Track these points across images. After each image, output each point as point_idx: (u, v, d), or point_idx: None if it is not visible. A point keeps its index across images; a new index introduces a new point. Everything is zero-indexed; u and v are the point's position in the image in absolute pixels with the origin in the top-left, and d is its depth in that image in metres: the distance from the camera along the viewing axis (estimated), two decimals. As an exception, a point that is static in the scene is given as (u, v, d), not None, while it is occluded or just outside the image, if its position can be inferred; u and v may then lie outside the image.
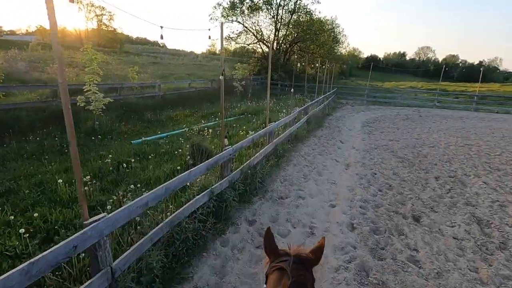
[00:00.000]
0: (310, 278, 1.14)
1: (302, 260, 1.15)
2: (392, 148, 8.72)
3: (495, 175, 6.59)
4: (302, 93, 22.64)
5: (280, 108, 13.75)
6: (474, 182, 6.11)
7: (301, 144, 8.30)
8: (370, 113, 16.12)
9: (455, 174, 6.56)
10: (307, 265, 1.16)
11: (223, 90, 4.97)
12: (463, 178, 6.35)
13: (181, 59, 47.27)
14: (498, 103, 19.90)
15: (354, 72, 66.10)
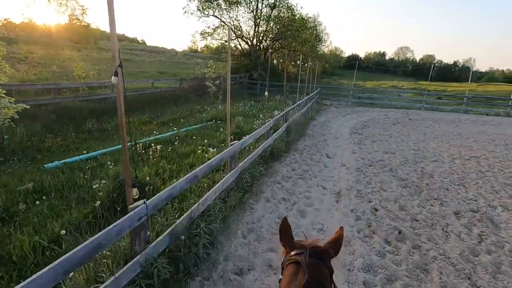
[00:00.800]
0: (327, 272, 1.07)
1: (319, 253, 1.09)
2: (389, 164, 7.12)
3: (526, 205, 5.10)
4: (283, 94, 21.01)
5: (256, 112, 11.95)
6: (508, 220, 4.55)
7: (278, 163, 6.52)
8: (357, 117, 14.64)
9: (478, 206, 4.99)
10: (324, 258, 1.09)
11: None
12: (490, 213, 4.78)
13: (158, 56, 44.91)
14: (486, 104, 19.10)
15: (336, 71, 65.73)
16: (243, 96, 18.94)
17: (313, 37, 33.14)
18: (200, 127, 9.19)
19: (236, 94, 19.55)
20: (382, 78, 65.23)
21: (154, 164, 5.43)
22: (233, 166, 4.60)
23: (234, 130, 7.98)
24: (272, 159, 6.49)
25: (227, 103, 4.64)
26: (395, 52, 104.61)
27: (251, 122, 9.43)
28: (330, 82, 42.37)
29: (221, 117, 10.64)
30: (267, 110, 12.81)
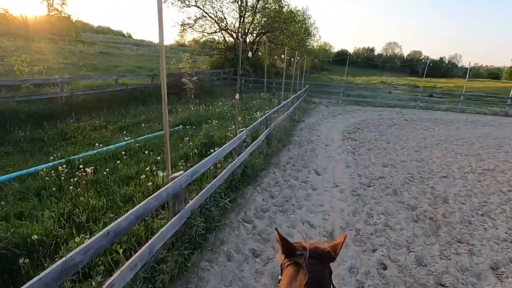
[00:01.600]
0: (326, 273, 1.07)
1: (319, 255, 1.09)
2: (392, 183, 5.76)
3: None
4: (270, 91, 19.51)
5: (235, 114, 10.43)
6: None
7: (253, 187, 5.03)
8: (348, 117, 13.30)
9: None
10: (324, 260, 1.09)
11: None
12: (540, 266, 3.46)
13: (142, 49, 42.69)
14: (483, 103, 18.14)
15: (325, 66, 64.77)
16: (226, 94, 17.33)
17: (302, 31, 31.69)
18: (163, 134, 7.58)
19: (221, 90, 17.96)
20: (371, 73, 64.66)
21: (74, 197, 3.85)
22: (176, 210, 3.09)
23: (202, 140, 6.44)
24: (244, 183, 5.00)
25: (163, 111, 3.08)
26: (384, 47, 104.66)
27: (227, 127, 7.90)
28: (319, 77, 41.16)
29: (193, 120, 9.06)
30: (248, 111, 11.30)
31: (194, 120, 9.07)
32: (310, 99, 18.06)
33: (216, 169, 4.80)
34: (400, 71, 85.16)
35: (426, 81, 46.28)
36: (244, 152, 5.29)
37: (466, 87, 41.00)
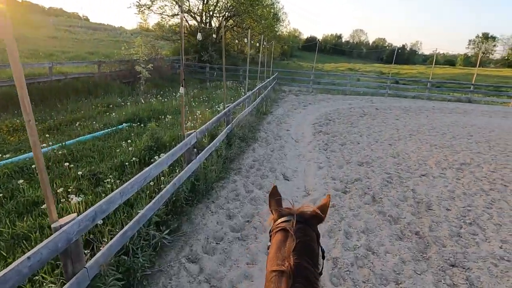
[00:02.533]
0: (314, 236, 1.08)
1: (307, 219, 1.09)
2: (370, 186, 5.05)
3: None
4: (237, 79, 18.30)
5: (197, 106, 9.26)
6: None
7: (205, 205, 3.99)
8: (319, 107, 12.61)
9: (523, 279, 3.08)
10: (311, 223, 1.10)
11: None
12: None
13: (98, 34, 38.94)
14: (448, 90, 18.42)
15: (295, 53, 64.30)
16: (188, 83, 15.86)
17: (271, 16, 30.45)
18: (104, 134, 6.25)
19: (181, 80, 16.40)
20: (339, 60, 65.42)
21: None
22: (70, 271, 2.00)
23: (147, 143, 5.26)
24: (194, 201, 3.96)
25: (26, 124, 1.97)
26: (351, 34, 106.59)
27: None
28: (289, 64, 40.50)
29: (143, 116, 7.75)
30: (210, 102, 10.13)
31: (145, 116, 7.76)
32: (280, 88, 17.17)
33: (159, 184, 3.72)
34: (366, 57, 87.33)
35: (391, 67, 47.58)
36: (195, 160, 4.24)
37: (427, 73, 42.45)
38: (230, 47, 28.83)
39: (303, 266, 0.94)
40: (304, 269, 0.94)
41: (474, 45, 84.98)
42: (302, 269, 0.93)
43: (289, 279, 0.89)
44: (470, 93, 16.75)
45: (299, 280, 0.90)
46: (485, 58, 74.79)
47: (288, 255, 0.95)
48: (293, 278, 0.89)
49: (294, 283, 0.89)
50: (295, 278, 0.90)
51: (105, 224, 2.91)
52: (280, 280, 0.91)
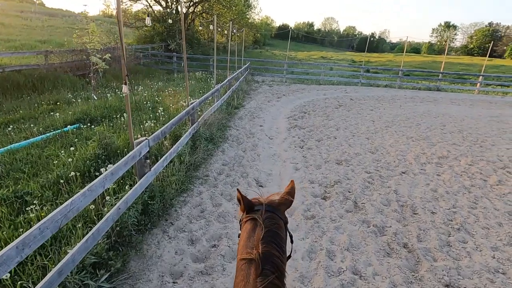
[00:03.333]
0: (282, 224, 1.13)
1: (275, 207, 1.15)
2: (351, 189, 4.62)
3: None
4: (207, 69, 17.26)
5: (162, 100, 8.33)
6: None
7: (161, 230, 3.28)
8: (294, 98, 12.11)
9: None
10: (279, 211, 1.16)
11: None
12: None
13: (54, 20, 35.42)
14: (415, 78, 18.69)
15: (268, 41, 63.38)
16: (154, 74, 14.66)
17: (242, 2, 29.23)
18: (45, 138, 5.25)
19: (146, 70, 15.16)
20: (312, 48, 65.57)
21: None
22: None
23: (95, 150, 4.41)
24: (146, 225, 3.25)
25: None
26: (322, 22, 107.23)
27: (144, 123, 5.86)
28: (263, 52, 39.65)
29: (95, 115, 6.75)
30: (177, 97, 9.23)
31: (98, 115, 6.77)
32: (252, 78, 16.45)
33: (105, 205, 2.97)
34: (338, 46, 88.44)
35: (362, 55, 48.30)
36: (150, 173, 3.51)
37: (396, 61, 43.43)
38: (200, 35, 27.40)
39: (271, 253, 0.97)
40: (271, 256, 0.97)
41: (437, 34, 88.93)
42: (270, 256, 0.96)
43: (258, 266, 0.92)
44: (439, 81, 17.10)
45: (267, 267, 0.93)
46: (446, 46, 78.47)
47: (257, 244, 0.99)
48: (261, 265, 0.93)
49: (263, 270, 0.92)
50: (263, 265, 0.93)
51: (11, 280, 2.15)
52: (249, 268, 0.95)
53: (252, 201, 1.18)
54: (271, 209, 1.12)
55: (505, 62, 43.67)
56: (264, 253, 0.95)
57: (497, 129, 9.01)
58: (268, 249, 0.96)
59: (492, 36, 69.42)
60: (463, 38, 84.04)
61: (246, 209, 1.16)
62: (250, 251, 0.98)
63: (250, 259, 0.95)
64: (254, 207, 1.14)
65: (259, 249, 0.96)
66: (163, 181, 3.96)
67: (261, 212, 1.08)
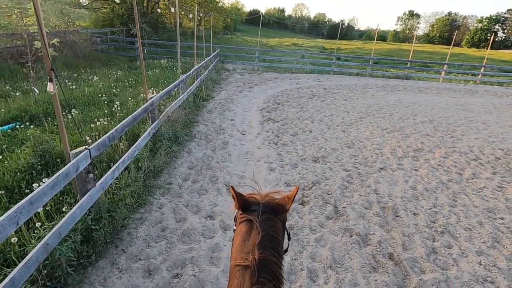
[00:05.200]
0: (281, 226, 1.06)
1: (273, 207, 1.05)
2: (330, 191, 4.28)
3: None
4: (174, 57, 16.09)
5: (120, 93, 7.43)
6: None
7: (109, 262, 2.65)
8: (266, 88, 11.59)
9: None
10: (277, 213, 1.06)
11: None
12: None
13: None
14: (384, 66, 18.94)
15: (238, 26, 61.72)
16: (114, 61, 13.33)
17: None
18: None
19: (105, 58, 13.74)
20: (283, 35, 64.93)
21: None
22: None
23: (29, 158, 3.61)
24: (89, 258, 2.61)
25: None
26: (293, 8, 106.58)
27: (95, 121, 5.03)
28: (233, 39, 38.38)
29: (37, 112, 5.77)
30: (138, 88, 8.31)
31: (39, 111, 5.78)
32: (223, 66, 15.62)
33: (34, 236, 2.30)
34: (308, 32, 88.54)
35: (332, 43, 48.62)
36: (94, 190, 2.85)
37: (365, 48, 44.20)
38: (165, 18, 25.64)
39: (268, 260, 0.90)
40: (269, 262, 0.90)
41: (402, 22, 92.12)
42: (267, 263, 0.90)
43: (254, 274, 0.86)
44: (407, 69, 17.44)
45: (264, 275, 0.87)
46: (410, 34, 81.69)
47: (252, 249, 0.92)
48: (257, 273, 0.87)
49: (259, 278, 0.86)
50: (259, 272, 0.87)
51: None
52: (244, 275, 0.89)
53: (248, 200, 1.09)
54: (268, 210, 1.04)
55: (463, 51, 46.25)
56: (260, 260, 0.89)
57: (464, 117, 9.22)
58: (264, 255, 0.90)
59: (451, 25, 73.27)
60: (425, 26, 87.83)
61: (241, 208, 1.08)
62: (245, 256, 0.91)
63: (245, 265, 0.89)
64: (251, 206, 1.06)
65: (255, 255, 0.89)
66: (115, 196, 3.32)
67: (258, 213, 1.01)
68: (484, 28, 63.88)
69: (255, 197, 1.11)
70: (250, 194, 1.14)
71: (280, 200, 1.10)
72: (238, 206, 1.09)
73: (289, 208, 1.09)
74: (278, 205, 1.07)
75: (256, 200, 1.09)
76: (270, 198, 1.09)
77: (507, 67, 19.96)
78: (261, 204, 1.05)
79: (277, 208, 1.07)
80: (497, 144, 6.93)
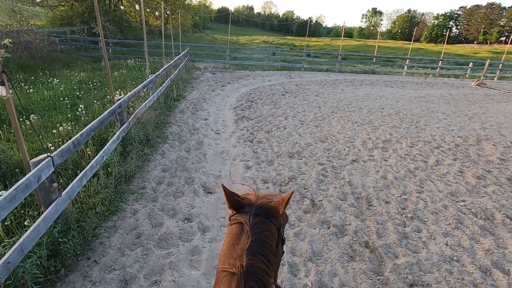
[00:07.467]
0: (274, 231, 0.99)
1: (266, 211, 0.99)
2: (306, 186, 4.36)
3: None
4: (141, 56, 15.50)
5: (84, 95, 7.01)
6: None
7: (79, 282, 2.54)
8: (239, 86, 11.55)
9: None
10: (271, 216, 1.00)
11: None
12: None
13: None
14: (352, 62, 19.64)
15: (207, 24, 60.87)
16: (75, 63, 12.57)
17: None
18: None
19: (65, 59, 12.92)
20: (253, 32, 65.10)
21: None
22: None
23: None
24: (58, 273, 2.43)
25: None
26: (262, 6, 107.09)
27: (57, 126, 4.69)
28: (203, 37, 37.79)
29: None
30: (103, 90, 7.91)
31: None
32: (193, 65, 15.32)
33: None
34: (278, 30, 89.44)
35: (301, 40, 49.51)
36: (60, 200, 2.67)
37: (333, 45, 45.45)
38: (130, 16, 24.61)
39: (256, 267, 0.86)
40: (256, 270, 0.86)
41: (366, 19, 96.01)
42: (255, 270, 0.85)
43: (240, 282, 0.82)
44: (373, 64, 18.22)
45: (251, 283, 0.83)
46: (375, 31, 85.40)
47: (240, 254, 0.87)
48: (244, 281, 0.82)
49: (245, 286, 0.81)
50: (246, 280, 0.82)
51: None
52: (230, 282, 0.84)
53: (241, 200, 1.04)
54: (261, 213, 0.98)
55: (423, 46, 49.21)
56: (248, 267, 0.84)
57: (426, 109, 9.82)
58: (253, 262, 0.86)
59: (411, 22, 77.60)
60: (388, 23, 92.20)
61: (233, 208, 1.04)
62: (233, 262, 0.87)
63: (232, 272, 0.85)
64: (244, 207, 1.01)
65: (242, 261, 0.85)
66: (84, 205, 3.13)
67: (250, 216, 0.96)
68: (440, 24, 68.44)
69: (249, 198, 1.05)
70: (245, 194, 1.08)
71: (275, 203, 1.04)
72: (230, 206, 1.04)
73: (282, 212, 1.03)
74: (273, 208, 1.01)
75: (249, 201, 1.03)
76: (265, 200, 1.04)
77: (461, 61, 21.55)
78: (254, 206, 0.99)
79: (271, 211, 1.01)
80: (456, 132, 7.45)
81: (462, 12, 71.42)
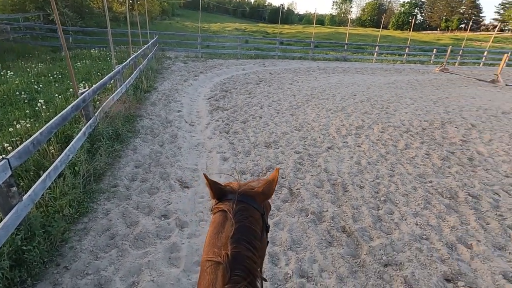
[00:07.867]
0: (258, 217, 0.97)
1: (251, 196, 0.99)
2: (284, 175, 4.39)
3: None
4: (106, 45, 14.56)
5: (43, 90, 6.49)
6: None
7: None
8: (212, 76, 11.27)
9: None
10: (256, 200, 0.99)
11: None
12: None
13: None
14: (324, 49, 19.85)
15: (176, 11, 58.43)
16: (32, 53, 11.56)
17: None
18: None
19: (21, 49, 11.85)
20: (225, 19, 63.48)
21: None
22: None
23: None
24: (23, 284, 2.28)
25: None
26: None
27: (14, 124, 4.30)
28: (172, 24, 36.25)
29: None
30: (65, 82, 7.37)
31: None
32: (163, 54, 14.70)
33: None
34: (250, 17, 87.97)
35: (274, 27, 49.09)
36: (20, 205, 2.45)
37: (305, 32, 45.59)
38: (91, 2, 22.93)
39: (241, 255, 0.84)
40: (242, 258, 0.84)
41: (337, 6, 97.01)
42: (241, 258, 0.84)
43: (226, 271, 0.80)
44: (344, 51, 18.53)
45: (238, 272, 0.81)
46: (345, 18, 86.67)
47: (225, 242, 0.86)
48: (230, 270, 0.80)
49: (232, 275, 0.79)
50: (232, 269, 0.80)
51: None
52: (216, 272, 0.82)
53: (224, 188, 1.03)
54: (245, 199, 0.97)
55: (390, 33, 50.75)
56: (233, 256, 0.83)
57: (395, 94, 10.21)
58: (238, 250, 0.84)
59: (379, 9, 79.56)
60: (357, 10, 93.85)
61: (217, 197, 1.01)
62: (217, 251, 0.85)
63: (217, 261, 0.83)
64: (227, 195, 1.00)
65: (227, 249, 0.84)
66: (49, 208, 2.92)
67: (233, 203, 0.94)
68: (406, 11, 70.77)
69: (231, 186, 1.04)
70: (227, 183, 1.07)
71: (259, 188, 1.03)
72: (213, 195, 1.02)
73: (271, 194, 1.03)
74: (256, 193, 1.01)
75: (232, 189, 1.02)
76: (247, 187, 1.03)
77: (426, 47, 22.54)
78: (237, 193, 0.98)
79: (254, 197, 1.00)
80: (423, 116, 7.83)
81: (426, 0, 74.35)
